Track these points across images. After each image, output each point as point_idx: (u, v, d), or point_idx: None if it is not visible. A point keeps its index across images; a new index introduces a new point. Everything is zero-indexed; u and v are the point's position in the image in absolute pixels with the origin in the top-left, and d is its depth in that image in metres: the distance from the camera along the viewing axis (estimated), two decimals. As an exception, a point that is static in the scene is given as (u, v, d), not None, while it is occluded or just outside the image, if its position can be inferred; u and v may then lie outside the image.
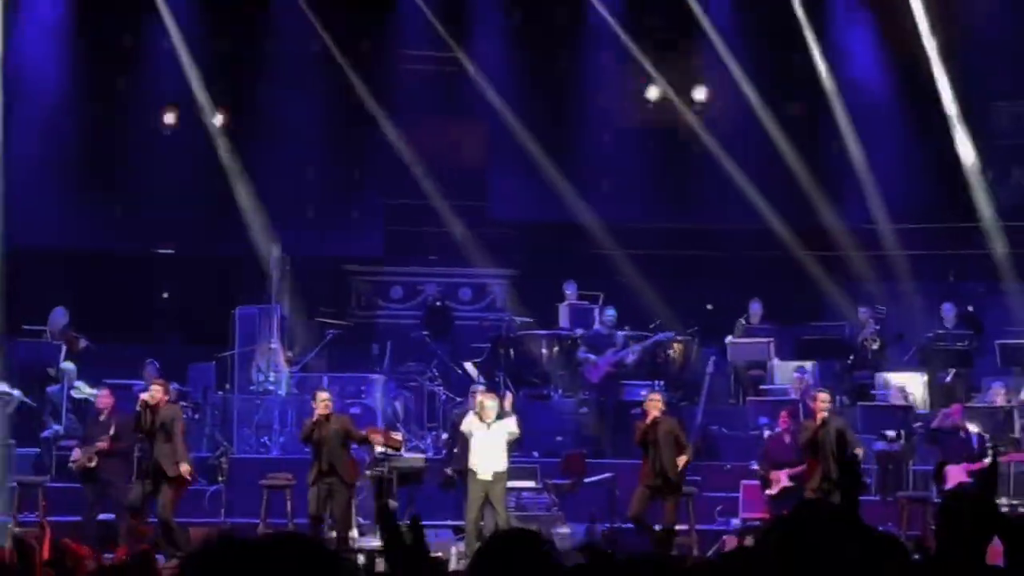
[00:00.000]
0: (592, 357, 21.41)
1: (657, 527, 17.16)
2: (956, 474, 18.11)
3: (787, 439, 18.53)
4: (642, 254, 25.17)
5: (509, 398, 18.37)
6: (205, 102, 23.84)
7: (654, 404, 17.68)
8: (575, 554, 7.76)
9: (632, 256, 25.21)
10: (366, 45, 24.90)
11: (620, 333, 21.86)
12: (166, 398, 17.37)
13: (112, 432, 17.70)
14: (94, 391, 19.39)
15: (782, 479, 18.08)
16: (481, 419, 17.53)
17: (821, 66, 24.53)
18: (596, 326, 22.56)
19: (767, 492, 18.32)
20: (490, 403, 17.66)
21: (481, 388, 19.19)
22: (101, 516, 17.72)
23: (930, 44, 24.00)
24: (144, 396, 17.12)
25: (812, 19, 24.53)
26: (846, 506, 5.09)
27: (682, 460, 17.42)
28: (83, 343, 21.39)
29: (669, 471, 17.39)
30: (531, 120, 24.52)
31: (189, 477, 17.14)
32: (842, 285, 24.44)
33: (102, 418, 17.98)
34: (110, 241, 24.11)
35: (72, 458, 18.05)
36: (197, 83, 23.75)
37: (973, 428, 18.86)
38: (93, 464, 17.67)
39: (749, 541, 16.46)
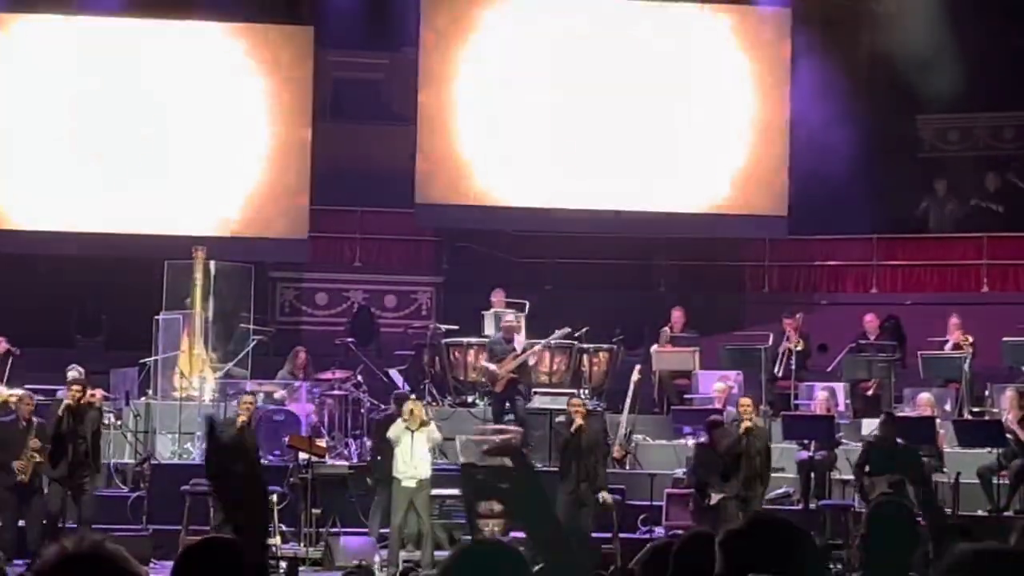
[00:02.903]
0: (491, 366, 21.07)
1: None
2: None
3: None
4: (569, 263, 25.21)
5: (421, 406, 18.33)
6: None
7: (578, 409, 17.66)
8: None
9: (559, 264, 25.24)
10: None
11: (521, 339, 21.50)
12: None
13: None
14: (14, 391, 19.15)
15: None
16: (407, 426, 17.50)
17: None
18: (495, 333, 22.10)
19: (707, 502, 17.83)
20: (418, 410, 17.66)
21: (412, 397, 19.10)
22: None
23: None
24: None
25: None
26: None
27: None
28: (4, 346, 21.16)
29: (590, 477, 17.43)
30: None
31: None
32: (765, 294, 24.53)
33: (22, 425, 17.66)
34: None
35: (17, 468, 17.64)
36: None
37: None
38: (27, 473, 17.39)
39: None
